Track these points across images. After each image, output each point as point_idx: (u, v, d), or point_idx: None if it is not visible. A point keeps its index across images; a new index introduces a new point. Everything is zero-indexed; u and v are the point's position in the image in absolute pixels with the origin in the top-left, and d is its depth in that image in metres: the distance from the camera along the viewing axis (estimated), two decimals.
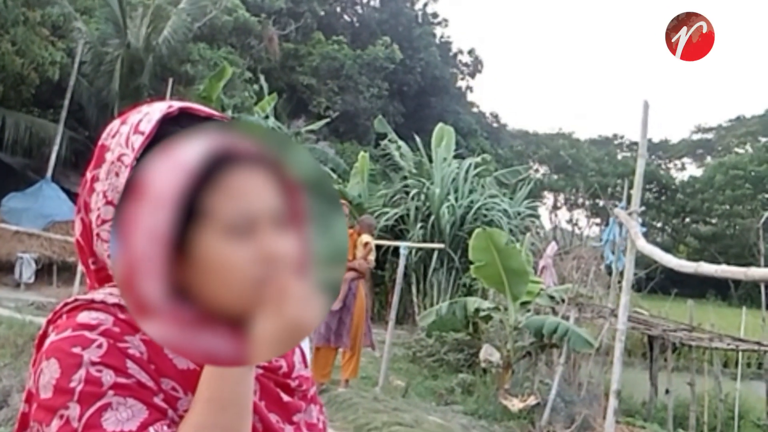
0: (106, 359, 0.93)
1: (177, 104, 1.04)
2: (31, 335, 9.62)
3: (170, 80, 15.95)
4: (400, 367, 11.26)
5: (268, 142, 0.88)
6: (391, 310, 9.20)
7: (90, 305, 1.00)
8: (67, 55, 17.97)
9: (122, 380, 0.93)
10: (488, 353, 10.08)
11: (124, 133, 1.02)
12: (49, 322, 1.02)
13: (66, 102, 17.15)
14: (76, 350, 0.93)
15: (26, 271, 15.71)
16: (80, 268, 9.83)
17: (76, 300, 1.02)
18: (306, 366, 1.20)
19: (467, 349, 11.43)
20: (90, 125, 19.76)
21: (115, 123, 1.05)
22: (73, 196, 17.56)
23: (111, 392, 0.92)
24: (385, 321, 9.22)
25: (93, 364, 0.92)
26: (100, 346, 0.94)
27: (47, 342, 0.97)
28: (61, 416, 0.91)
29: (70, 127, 18.43)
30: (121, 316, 0.97)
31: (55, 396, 0.92)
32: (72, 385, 0.91)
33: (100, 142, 1.05)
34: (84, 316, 0.98)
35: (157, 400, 0.95)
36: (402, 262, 9.22)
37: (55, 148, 16.78)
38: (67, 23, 18.48)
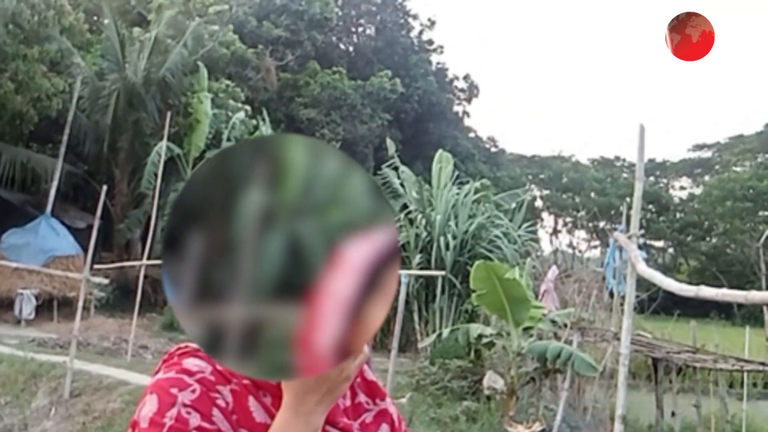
0: (196, 403, 1.07)
1: None
2: (32, 373, 9.54)
3: (168, 114, 16.02)
4: (403, 396, 11.17)
5: None
6: (394, 338, 9.15)
7: (196, 353, 1.15)
8: (63, 90, 18.06)
9: (206, 425, 1.07)
10: (492, 380, 10.01)
11: None
12: (163, 362, 1.17)
13: (65, 137, 17.18)
14: (174, 391, 1.08)
15: (26, 308, 15.64)
16: (80, 303, 9.77)
17: (187, 346, 1.17)
18: None
19: (471, 376, 11.33)
20: (88, 160, 19.82)
21: None
22: (73, 231, 17.56)
23: None
24: (388, 349, 9.16)
25: (184, 405, 1.07)
26: (194, 391, 1.09)
27: (155, 378, 1.13)
28: None
29: (68, 162, 18.47)
30: (219, 366, 1.11)
31: (149, 428, 1.06)
32: (164, 420, 1.06)
33: None
34: (189, 362, 1.13)
35: None
36: (403, 290, 9.19)
37: (54, 184, 16.78)
38: (65, 59, 18.60)
